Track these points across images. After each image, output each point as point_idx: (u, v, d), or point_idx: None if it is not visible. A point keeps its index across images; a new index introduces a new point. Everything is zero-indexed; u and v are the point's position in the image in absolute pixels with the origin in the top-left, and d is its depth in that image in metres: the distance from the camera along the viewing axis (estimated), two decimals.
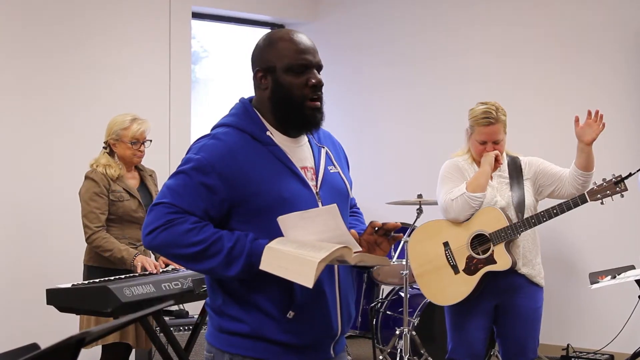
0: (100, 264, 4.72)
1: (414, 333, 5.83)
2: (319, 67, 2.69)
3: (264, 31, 8.27)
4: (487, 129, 4.40)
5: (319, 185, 2.70)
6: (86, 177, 4.82)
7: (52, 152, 6.09)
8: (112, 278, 4.17)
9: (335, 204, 2.51)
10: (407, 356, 5.78)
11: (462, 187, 4.40)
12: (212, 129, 2.75)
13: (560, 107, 6.74)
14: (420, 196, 6.17)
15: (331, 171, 2.77)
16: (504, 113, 4.45)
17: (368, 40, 7.90)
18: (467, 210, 4.39)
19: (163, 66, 6.72)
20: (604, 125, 4.33)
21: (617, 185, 4.30)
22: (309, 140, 2.78)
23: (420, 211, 6.14)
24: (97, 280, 4.18)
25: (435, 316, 5.96)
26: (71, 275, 4.87)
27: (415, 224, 5.97)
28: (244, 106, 2.74)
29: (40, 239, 6.02)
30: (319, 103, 2.67)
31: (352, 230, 2.66)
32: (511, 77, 7.07)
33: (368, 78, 7.92)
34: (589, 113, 4.34)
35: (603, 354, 6.50)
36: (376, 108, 7.89)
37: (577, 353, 6.55)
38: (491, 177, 4.44)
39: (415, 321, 5.91)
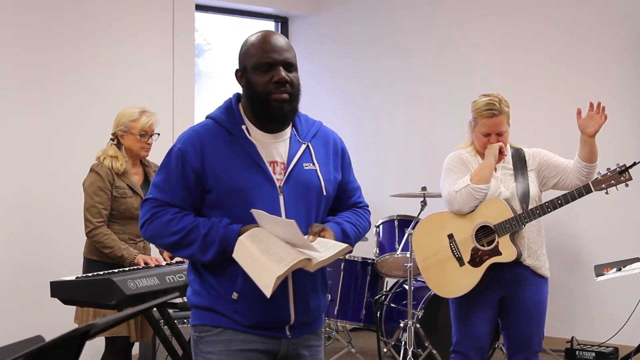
0: (100, 257, 4.71)
1: (418, 326, 5.83)
2: (287, 65, 2.85)
3: (267, 23, 8.32)
4: (490, 121, 4.39)
5: (284, 180, 2.85)
6: (91, 170, 4.80)
7: (54, 145, 6.08)
8: (116, 270, 4.17)
9: (294, 220, 2.66)
10: (411, 349, 5.78)
11: (466, 179, 4.39)
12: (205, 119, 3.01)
13: (564, 100, 6.73)
14: (424, 189, 6.16)
15: (306, 167, 2.90)
16: (507, 105, 4.44)
17: (370, 33, 7.89)
18: (471, 202, 4.39)
19: (166, 59, 6.70)
20: (606, 117, 4.31)
21: (621, 174, 4.29)
22: (291, 136, 2.94)
23: (424, 203, 6.14)
24: (101, 272, 4.17)
25: (439, 309, 5.96)
26: (74, 268, 4.87)
27: (420, 217, 5.96)
28: (230, 101, 2.97)
29: (43, 232, 6.01)
30: (285, 95, 2.82)
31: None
32: (514, 71, 7.06)
33: (371, 71, 7.91)
34: (591, 105, 4.33)
35: (608, 347, 6.50)
36: (379, 101, 7.88)
37: (582, 345, 6.54)
38: (495, 169, 4.43)
39: (420, 314, 5.91)
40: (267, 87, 2.81)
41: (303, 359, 2.93)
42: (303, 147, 2.92)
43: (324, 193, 2.92)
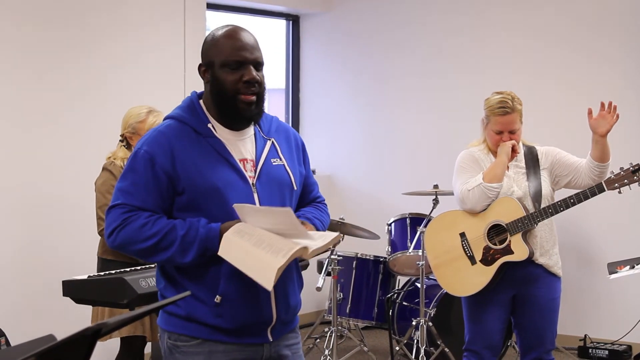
0: (114, 256, 4.70)
1: (430, 324, 5.82)
2: (257, 64, 2.82)
3: (279, 22, 8.31)
4: (503, 119, 4.38)
5: (256, 177, 2.82)
6: (104, 169, 4.81)
7: (65, 145, 6.08)
8: (127, 269, 4.16)
9: (289, 208, 2.64)
10: (423, 347, 5.77)
11: (478, 177, 4.38)
12: (164, 120, 2.93)
13: (578, 95, 6.70)
14: (436, 186, 6.15)
15: (274, 163, 2.89)
16: (520, 102, 4.43)
17: (382, 30, 7.87)
18: (483, 200, 4.38)
19: (178, 58, 6.70)
20: (617, 116, 4.29)
21: (634, 174, 4.27)
22: (255, 133, 2.91)
23: (436, 201, 6.12)
24: (113, 271, 4.17)
25: (452, 307, 5.95)
26: (88, 267, 4.87)
27: (432, 215, 5.95)
28: (191, 100, 2.90)
29: (55, 230, 6.02)
30: (253, 97, 2.79)
31: None
32: (528, 66, 7.03)
33: (382, 67, 7.89)
34: (602, 105, 4.31)
35: (621, 345, 6.48)
36: (392, 98, 7.86)
37: (595, 344, 6.52)
38: (507, 167, 4.41)
39: (432, 312, 5.90)
40: (236, 85, 2.77)
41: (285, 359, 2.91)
42: (269, 143, 2.90)
43: (295, 188, 2.92)
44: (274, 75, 8.29)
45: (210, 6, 7.28)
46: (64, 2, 6.11)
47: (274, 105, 8.50)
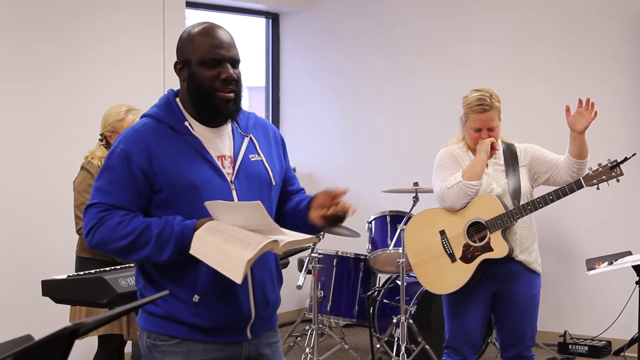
0: (92, 255, 4.69)
1: (411, 321, 5.83)
2: (234, 62, 2.82)
3: (258, 20, 8.30)
4: (481, 116, 4.39)
5: (234, 174, 2.82)
6: (82, 168, 4.80)
7: (44, 143, 6.05)
8: (107, 269, 4.16)
9: (259, 202, 2.62)
10: (404, 344, 5.77)
11: (458, 175, 4.39)
12: (140, 118, 2.93)
13: (556, 93, 6.72)
14: (416, 184, 6.16)
15: (252, 159, 2.88)
16: (498, 99, 4.44)
17: (363, 28, 7.88)
18: (463, 198, 4.38)
19: (157, 56, 6.68)
20: (595, 113, 4.31)
21: (612, 170, 4.29)
22: (232, 130, 2.90)
23: (416, 199, 6.13)
24: (93, 271, 4.16)
25: (432, 304, 5.96)
26: (67, 267, 4.85)
27: (412, 212, 5.95)
28: (167, 97, 2.89)
29: (34, 230, 5.99)
30: (231, 94, 2.79)
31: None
32: (506, 65, 7.05)
33: (363, 66, 7.90)
34: (580, 102, 4.32)
35: (600, 341, 6.51)
36: (372, 96, 7.87)
37: (575, 340, 6.56)
38: (487, 165, 4.42)
39: (413, 309, 5.91)
40: (214, 83, 2.77)
41: (265, 358, 2.90)
42: (247, 139, 2.90)
43: (273, 183, 2.91)
44: (253, 73, 8.29)
45: (190, 4, 7.26)
46: (44, 3, 6.08)
47: (254, 103, 8.50)
